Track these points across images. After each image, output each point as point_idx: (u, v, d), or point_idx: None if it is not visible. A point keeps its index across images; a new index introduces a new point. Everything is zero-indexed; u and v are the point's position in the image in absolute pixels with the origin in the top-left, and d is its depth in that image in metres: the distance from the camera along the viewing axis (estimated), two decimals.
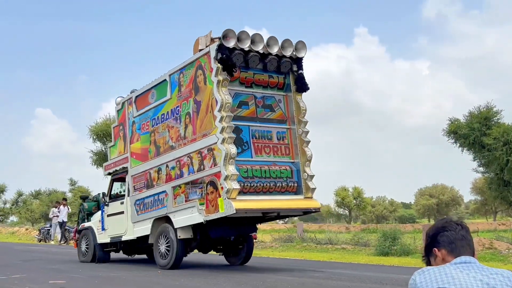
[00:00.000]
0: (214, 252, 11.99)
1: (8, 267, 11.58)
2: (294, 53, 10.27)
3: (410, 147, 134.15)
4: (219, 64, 9.46)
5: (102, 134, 36.86)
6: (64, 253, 17.25)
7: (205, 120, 9.80)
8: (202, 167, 9.77)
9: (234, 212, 9.03)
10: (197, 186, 9.84)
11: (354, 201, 70.08)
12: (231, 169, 9.16)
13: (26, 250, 18.70)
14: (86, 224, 13.46)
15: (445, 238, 2.47)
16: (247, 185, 9.49)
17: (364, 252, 16.77)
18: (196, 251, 11.59)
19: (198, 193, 9.80)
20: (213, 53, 9.57)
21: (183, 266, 10.67)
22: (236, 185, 9.16)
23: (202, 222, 9.69)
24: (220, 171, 9.25)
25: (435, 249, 2.48)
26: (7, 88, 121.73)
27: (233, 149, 9.23)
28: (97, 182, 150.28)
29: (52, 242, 24.45)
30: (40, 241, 25.40)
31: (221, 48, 9.48)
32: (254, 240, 13.31)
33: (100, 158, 37.86)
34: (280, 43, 10.08)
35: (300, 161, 10.19)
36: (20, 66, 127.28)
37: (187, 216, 9.99)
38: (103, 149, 38.13)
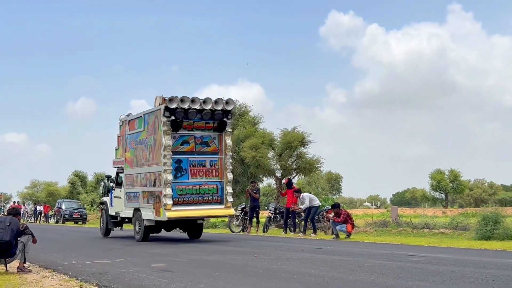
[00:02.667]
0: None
1: (113, 251, 12.20)
2: (225, 107, 14.67)
3: (510, 127, 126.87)
4: (165, 119, 14.16)
5: None
6: (163, 238, 17.90)
7: (157, 153, 14.49)
8: (155, 184, 14.59)
9: (167, 219, 14.07)
10: (153, 195, 14.67)
11: (451, 184, 67.50)
12: (168, 191, 14.00)
13: (127, 235, 19.60)
14: (104, 199, 18.78)
15: None
16: (181, 199, 14.30)
17: (464, 236, 16.12)
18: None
19: (152, 200, 14.66)
20: (162, 111, 14.22)
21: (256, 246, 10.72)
22: (170, 201, 13.97)
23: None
24: (162, 190, 14.06)
25: None
26: (105, 82, 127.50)
27: (169, 177, 14.01)
28: None
29: None
30: None
31: (166, 109, 14.13)
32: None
33: None
34: (213, 100, 14.56)
35: (224, 181, 14.78)
36: (115, 61, 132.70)
37: (148, 213, 14.92)
38: None
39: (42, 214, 45.73)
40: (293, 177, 32.86)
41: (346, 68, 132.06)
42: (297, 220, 19.46)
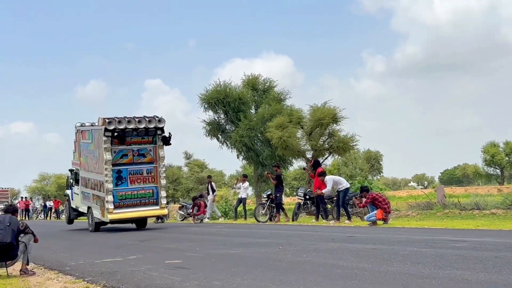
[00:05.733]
0: None
1: (125, 248, 12.45)
2: (157, 125, 18.84)
3: None
4: (105, 138, 18.20)
5: (213, 102, 37.95)
6: (182, 230, 18.19)
7: (100, 165, 18.66)
8: (100, 189, 18.87)
9: (108, 221, 18.53)
10: (99, 198, 18.95)
11: (507, 158, 66.49)
12: (109, 197, 18.24)
13: (142, 230, 19.93)
14: (67, 192, 24.14)
15: None
16: (122, 203, 18.56)
17: None
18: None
19: (99, 203, 18.96)
20: (102, 131, 18.29)
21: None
22: (111, 206, 18.24)
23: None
24: (104, 197, 18.34)
25: None
26: (116, 61, 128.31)
27: (110, 186, 18.25)
28: (212, 154, 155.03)
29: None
30: (158, 220, 26.89)
31: (106, 130, 18.20)
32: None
33: (214, 128, 39.11)
34: (147, 120, 18.60)
35: (159, 186, 19.07)
36: (126, 38, 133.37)
37: (96, 212, 19.30)
38: (216, 118, 39.38)
39: (53, 210, 46.68)
40: (326, 158, 32.82)
41: (383, 32, 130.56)
42: (329, 206, 19.53)
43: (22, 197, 52.00)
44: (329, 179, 18.47)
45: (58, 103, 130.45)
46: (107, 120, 18.21)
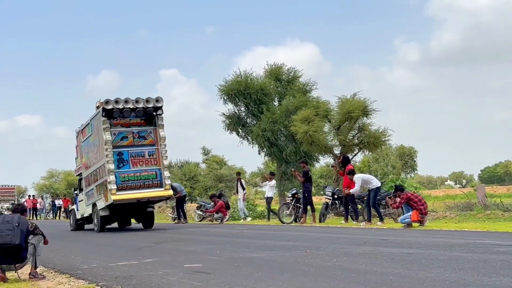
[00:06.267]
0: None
1: (140, 251, 12.51)
2: (155, 104, 19.73)
3: None
4: (103, 118, 19.29)
5: (233, 94, 37.95)
6: (201, 232, 18.25)
7: (102, 149, 19.69)
8: (102, 175, 19.85)
9: (112, 201, 19.12)
10: (102, 186, 19.95)
11: None
12: (111, 178, 19.13)
13: (158, 231, 20.03)
14: (72, 207, 26.01)
15: None
16: (125, 185, 19.43)
17: None
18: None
19: (102, 190, 19.94)
20: (100, 113, 19.45)
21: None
22: (114, 186, 19.09)
23: (110, 206, 19.59)
24: (106, 178, 19.26)
25: None
26: (129, 50, 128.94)
27: (112, 166, 19.19)
28: (232, 150, 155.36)
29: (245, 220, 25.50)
30: (174, 221, 27.03)
31: (103, 110, 19.28)
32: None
33: (234, 122, 39.14)
34: (144, 99, 19.59)
35: (162, 168, 19.92)
36: (139, 25, 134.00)
37: (101, 203, 20.04)
38: (236, 111, 39.39)
39: (62, 209, 47.12)
40: (355, 154, 32.68)
41: (418, 17, 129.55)
42: (360, 207, 19.46)
43: (29, 195, 52.50)
44: (357, 177, 18.40)
45: (68, 95, 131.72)
46: (104, 101, 19.35)
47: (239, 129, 39.27)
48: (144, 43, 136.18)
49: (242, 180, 25.93)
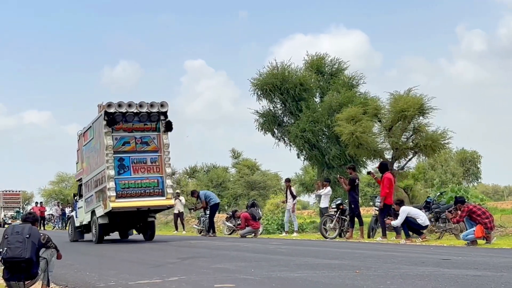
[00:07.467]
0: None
1: (163, 267, 12.59)
2: (160, 109, 21.12)
3: None
4: (105, 122, 20.53)
5: (268, 88, 37.94)
6: (232, 247, 18.29)
7: (102, 154, 20.97)
8: (102, 181, 21.14)
9: (111, 209, 20.41)
10: (102, 192, 21.22)
11: None
12: (111, 184, 20.40)
13: (183, 245, 20.14)
14: (71, 214, 28.05)
15: None
16: (125, 192, 20.68)
17: None
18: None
19: (101, 197, 21.22)
20: (102, 116, 20.67)
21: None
22: (113, 193, 20.32)
23: (109, 213, 20.96)
24: (106, 185, 20.52)
25: None
26: (150, 38, 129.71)
27: (112, 172, 20.51)
28: (266, 153, 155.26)
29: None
30: (200, 233, 27.14)
31: (106, 114, 20.53)
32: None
33: (269, 121, 39.15)
34: (149, 104, 20.94)
35: (164, 176, 21.19)
36: (162, 9, 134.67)
37: (99, 210, 21.41)
38: (271, 108, 39.40)
39: None
40: (410, 159, 32.43)
41: (484, 1, 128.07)
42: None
43: (36, 202, 52.98)
44: (403, 211, 18.26)
45: (81, 88, 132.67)
46: (106, 104, 20.65)
47: (274, 129, 39.28)
48: (167, 30, 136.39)
49: (292, 188, 25.77)
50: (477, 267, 10.63)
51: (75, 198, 26.43)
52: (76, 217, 25.34)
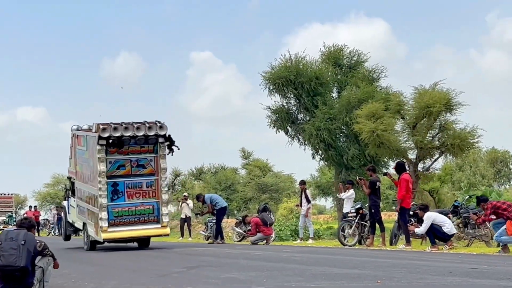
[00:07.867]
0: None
1: (168, 277, 12.61)
2: (158, 132, 21.19)
3: None
4: (99, 147, 20.60)
5: (281, 83, 37.92)
6: (242, 255, 18.30)
7: (95, 177, 21.19)
8: (94, 204, 21.39)
9: (102, 240, 21.10)
10: (94, 215, 21.53)
11: None
12: (103, 214, 20.59)
13: (190, 252, 20.17)
14: (64, 203, 27.82)
15: None
16: (117, 221, 20.93)
17: None
18: None
19: (94, 220, 21.54)
20: (96, 139, 20.74)
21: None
22: (105, 224, 20.56)
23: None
24: (98, 213, 20.75)
25: None
26: (153, 27, 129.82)
27: (104, 201, 20.57)
28: (279, 153, 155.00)
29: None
30: (207, 240, 27.18)
31: (99, 137, 20.56)
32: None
33: (282, 118, 39.15)
34: (147, 126, 20.93)
35: (160, 202, 21.41)
36: None
37: (91, 230, 21.95)
38: (285, 104, 39.39)
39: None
40: (436, 160, 32.36)
41: None
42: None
43: (30, 206, 53.21)
44: (428, 217, 18.17)
45: (79, 83, 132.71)
46: (101, 127, 20.74)
47: (287, 127, 39.31)
48: (172, 19, 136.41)
49: (307, 191, 25.67)
50: (509, 277, 10.60)
51: (67, 192, 26.77)
52: (68, 213, 26.02)
